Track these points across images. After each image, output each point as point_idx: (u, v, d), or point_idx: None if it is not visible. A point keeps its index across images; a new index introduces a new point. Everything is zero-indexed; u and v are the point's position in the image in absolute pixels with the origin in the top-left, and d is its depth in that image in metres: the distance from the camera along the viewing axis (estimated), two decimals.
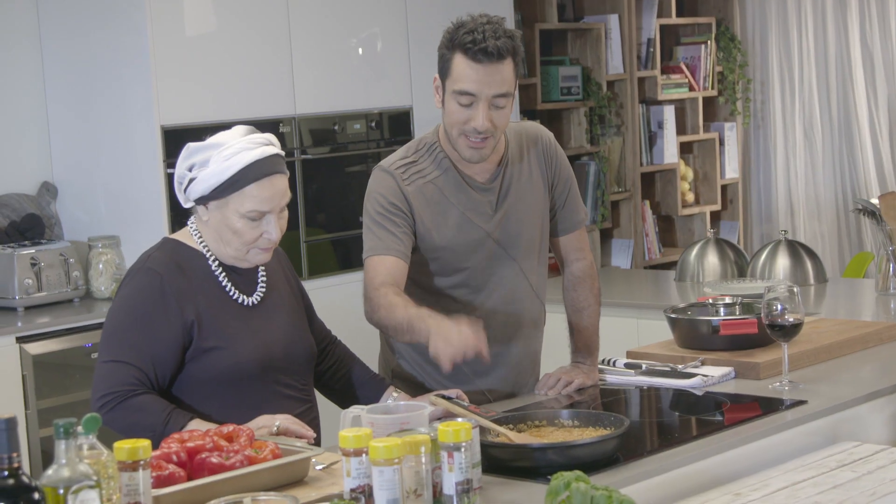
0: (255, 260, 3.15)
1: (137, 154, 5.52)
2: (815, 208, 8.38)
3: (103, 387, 3.01)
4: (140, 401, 2.99)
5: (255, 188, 3.04)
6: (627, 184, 7.76)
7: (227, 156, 3.02)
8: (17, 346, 5.02)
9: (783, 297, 3.40)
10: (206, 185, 3.04)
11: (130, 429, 2.91)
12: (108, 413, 2.97)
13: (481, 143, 3.34)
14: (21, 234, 5.64)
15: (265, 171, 3.04)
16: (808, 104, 8.36)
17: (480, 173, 3.46)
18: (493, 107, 3.30)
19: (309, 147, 5.95)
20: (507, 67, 3.28)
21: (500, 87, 3.28)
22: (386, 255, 3.35)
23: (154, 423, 2.95)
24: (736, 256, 5.75)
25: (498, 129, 3.34)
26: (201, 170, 3.04)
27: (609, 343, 3.75)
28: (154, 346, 3.03)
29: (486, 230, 3.45)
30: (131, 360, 3.02)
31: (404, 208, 3.39)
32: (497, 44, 3.25)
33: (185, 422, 2.96)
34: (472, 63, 3.27)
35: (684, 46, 8.22)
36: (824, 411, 3.25)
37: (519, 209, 3.49)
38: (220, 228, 3.09)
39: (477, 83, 3.27)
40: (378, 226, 3.38)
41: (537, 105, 7.27)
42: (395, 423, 2.72)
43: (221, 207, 3.07)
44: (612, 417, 2.97)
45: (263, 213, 3.06)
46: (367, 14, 6.15)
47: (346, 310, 5.35)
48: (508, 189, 3.48)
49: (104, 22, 5.54)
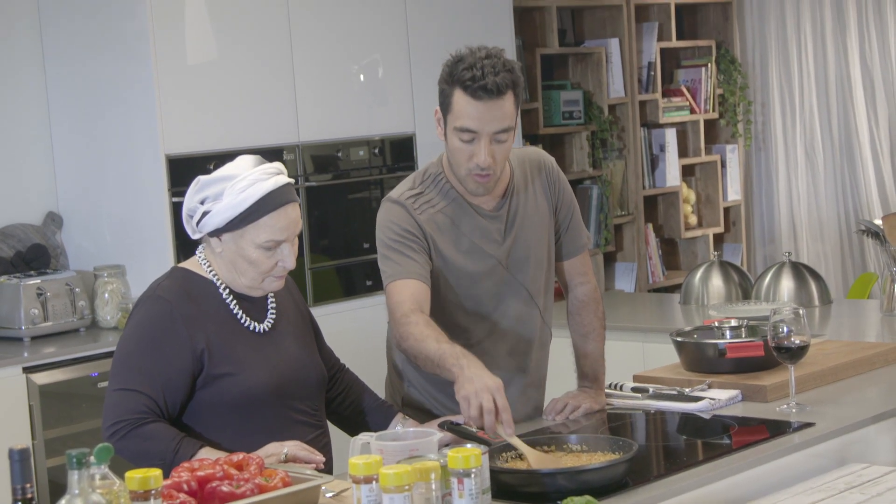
0: (269, 288, 3.16)
1: (142, 183, 5.53)
2: (818, 229, 8.39)
3: (113, 415, 3.01)
4: (150, 429, 2.99)
5: (270, 219, 3.05)
6: (630, 207, 7.77)
7: (241, 188, 3.03)
8: (23, 376, 5.02)
9: (789, 320, 3.41)
10: (221, 218, 3.05)
11: (141, 457, 2.91)
12: (119, 441, 2.97)
13: (485, 177, 3.35)
14: (27, 264, 5.65)
15: (280, 202, 3.06)
16: (809, 125, 8.37)
17: (487, 201, 3.47)
18: (494, 141, 3.30)
19: (312, 174, 5.97)
20: (507, 102, 3.28)
21: (501, 123, 3.28)
22: (408, 278, 3.33)
23: (164, 451, 2.96)
24: (740, 279, 5.75)
25: (501, 163, 3.35)
26: (215, 203, 3.05)
27: (615, 367, 3.75)
28: (164, 373, 3.04)
29: (497, 257, 3.46)
30: (141, 388, 3.02)
31: (418, 234, 3.39)
32: (496, 80, 3.24)
33: (195, 450, 2.97)
34: (471, 100, 3.27)
35: (685, 69, 8.25)
36: (832, 433, 3.25)
37: (527, 235, 3.50)
38: (235, 259, 3.10)
39: (478, 120, 3.27)
40: (395, 252, 3.37)
41: (539, 130, 7.29)
42: (404, 450, 2.72)
43: (237, 239, 3.07)
44: (620, 442, 2.97)
45: (279, 243, 3.08)
46: (368, 40, 6.17)
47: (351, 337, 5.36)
48: (516, 216, 3.49)
49: (108, 51, 5.57)
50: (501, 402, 3.00)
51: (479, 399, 2.99)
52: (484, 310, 3.48)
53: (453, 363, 3.10)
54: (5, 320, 5.39)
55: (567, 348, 3.72)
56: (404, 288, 3.32)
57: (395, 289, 3.34)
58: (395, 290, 3.33)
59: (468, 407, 3.00)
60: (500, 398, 3.00)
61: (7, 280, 5.43)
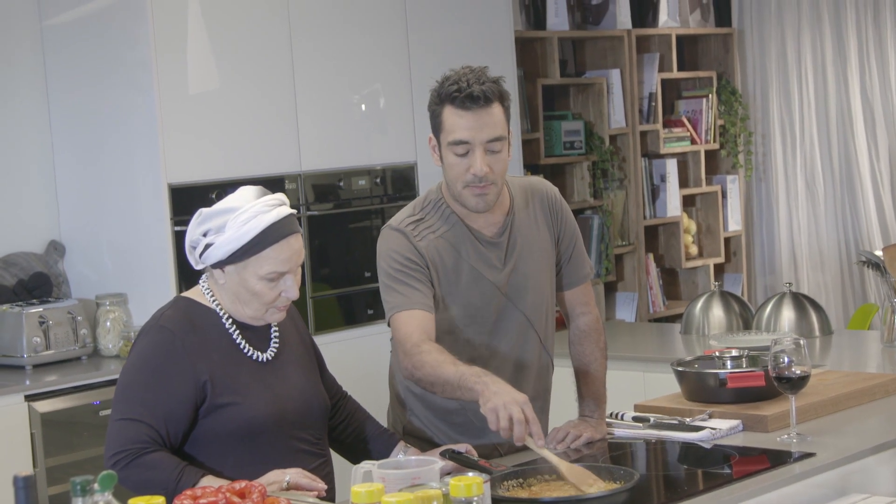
0: (272, 319, 3.17)
1: (144, 212, 5.55)
2: (819, 260, 8.40)
3: (115, 444, 3.02)
4: (152, 458, 3.00)
5: (273, 251, 3.05)
6: (631, 237, 7.78)
7: (243, 220, 3.04)
8: (25, 404, 5.02)
9: (789, 350, 3.41)
10: (223, 251, 3.06)
11: (143, 486, 2.92)
12: (121, 471, 2.97)
13: (484, 189, 3.36)
14: (29, 292, 5.66)
15: (282, 233, 3.06)
16: (810, 156, 8.39)
17: (487, 227, 3.48)
18: (489, 152, 3.32)
19: (313, 203, 5.98)
20: (496, 111, 3.32)
21: (493, 131, 3.31)
22: (413, 309, 3.35)
23: (166, 480, 2.96)
24: (741, 309, 5.76)
25: (498, 176, 3.36)
26: (218, 235, 3.05)
27: (616, 396, 3.76)
28: (167, 403, 3.04)
29: (496, 283, 3.47)
30: (143, 417, 3.03)
31: (420, 262, 3.40)
32: (482, 88, 3.29)
33: (197, 478, 2.98)
34: (461, 112, 3.30)
35: (685, 100, 8.27)
36: (833, 463, 3.25)
37: (526, 263, 3.51)
38: (239, 291, 3.11)
39: (469, 130, 3.30)
40: (398, 282, 3.38)
41: (541, 160, 7.31)
42: (406, 478, 2.73)
43: (240, 271, 3.08)
44: (621, 471, 2.98)
45: (282, 274, 3.08)
46: (369, 70, 6.19)
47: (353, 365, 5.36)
48: (516, 243, 3.50)
49: (110, 80, 5.59)
50: (530, 413, 3.03)
51: (509, 410, 3.01)
52: (482, 336, 3.49)
53: (476, 381, 3.12)
54: (7, 348, 5.40)
55: (568, 377, 3.72)
56: (410, 319, 3.33)
57: (400, 320, 3.35)
58: (401, 322, 3.35)
59: (496, 419, 3.02)
60: (528, 410, 3.03)
61: (9, 308, 5.44)
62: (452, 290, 3.44)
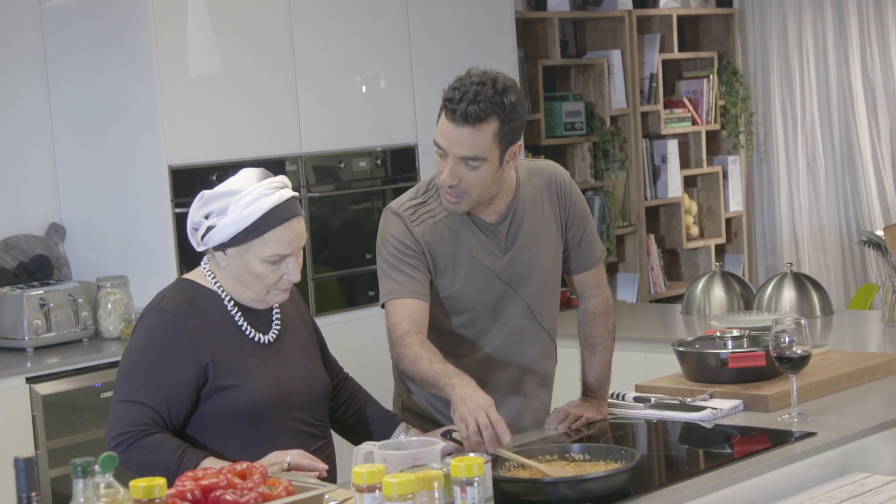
0: (274, 301, 3.16)
1: (145, 194, 5.55)
2: (820, 240, 8.40)
3: (117, 427, 3.02)
4: (153, 440, 3.00)
5: (275, 233, 3.05)
6: (632, 218, 7.78)
7: (245, 203, 3.03)
8: (26, 386, 5.03)
9: (790, 330, 3.41)
10: (225, 233, 3.05)
11: (145, 468, 2.92)
12: (123, 453, 2.98)
13: (454, 198, 3.33)
14: (30, 274, 5.66)
15: (285, 216, 3.06)
16: (811, 136, 8.38)
17: (489, 214, 3.46)
18: (463, 165, 3.26)
19: (314, 185, 5.98)
20: (481, 132, 3.23)
21: (469, 151, 3.24)
22: (406, 297, 3.34)
23: (168, 462, 2.97)
24: (742, 289, 5.76)
25: (472, 188, 3.30)
26: (220, 218, 3.05)
27: (617, 377, 3.76)
28: (168, 385, 3.04)
29: (494, 271, 3.46)
30: (145, 399, 3.03)
31: (416, 248, 3.39)
32: (469, 109, 3.20)
33: (198, 460, 2.98)
34: (447, 120, 3.26)
35: (686, 81, 8.26)
36: (834, 443, 3.25)
37: (529, 250, 3.49)
38: (241, 273, 3.11)
39: (447, 140, 3.26)
40: (394, 268, 3.38)
41: (541, 141, 7.30)
42: (407, 459, 2.73)
43: (242, 254, 3.08)
44: (622, 451, 2.98)
45: (284, 257, 3.08)
46: (370, 52, 6.18)
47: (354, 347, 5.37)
48: (518, 230, 3.48)
49: (111, 63, 5.58)
50: (494, 416, 3.02)
51: (475, 416, 3.01)
52: (482, 323, 3.48)
53: (445, 383, 3.13)
54: (8, 331, 5.40)
55: (573, 358, 3.72)
56: (402, 308, 3.33)
57: (392, 308, 3.35)
58: (392, 310, 3.35)
59: (465, 427, 3.02)
60: (492, 413, 3.02)
61: (10, 291, 5.44)
62: (450, 277, 3.43)
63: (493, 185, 3.35)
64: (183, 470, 2.89)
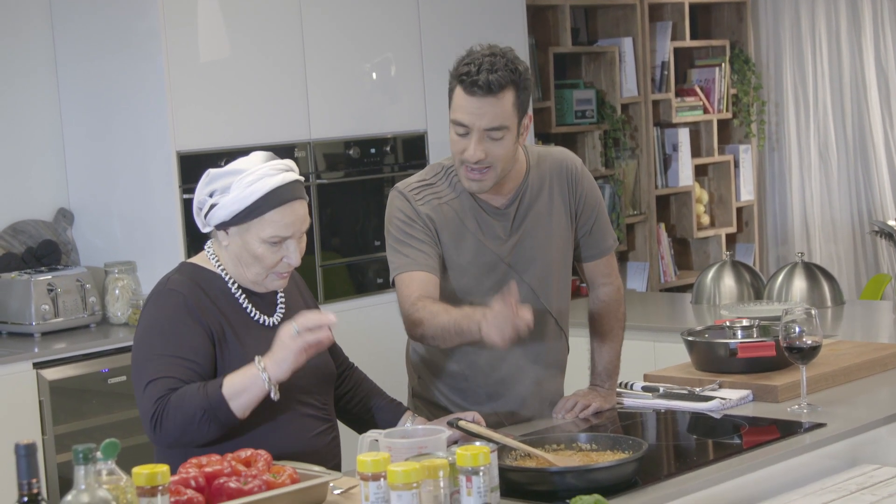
0: (272, 286, 3.15)
1: (153, 180, 5.53)
2: (831, 230, 8.37)
3: (148, 410, 2.95)
4: (174, 400, 2.93)
5: (276, 214, 3.04)
6: (642, 206, 7.76)
7: (248, 182, 3.03)
8: (33, 371, 5.02)
9: (801, 320, 3.40)
10: (227, 211, 3.05)
11: (187, 425, 2.89)
12: (162, 429, 2.93)
13: (479, 174, 3.33)
14: (38, 260, 5.65)
15: (286, 198, 3.05)
16: (823, 126, 8.35)
17: (496, 198, 3.45)
18: (487, 139, 3.28)
19: (324, 171, 5.96)
20: (502, 101, 3.26)
21: (493, 121, 3.26)
22: (415, 270, 3.35)
23: (197, 406, 2.90)
24: (752, 279, 5.74)
25: (497, 161, 3.32)
26: (223, 196, 3.05)
27: (626, 366, 3.74)
28: (192, 357, 3.00)
29: (499, 254, 3.44)
30: (166, 373, 2.97)
31: (422, 223, 3.40)
32: (490, 78, 3.23)
33: (219, 385, 2.92)
34: (466, 95, 3.27)
35: (698, 69, 8.23)
36: (843, 434, 3.23)
37: (536, 236, 3.48)
38: (241, 253, 3.10)
39: (470, 115, 3.27)
40: (402, 244, 3.39)
41: (552, 128, 7.28)
42: (412, 448, 2.72)
43: (242, 233, 3.07)
44: (630, 441, 2.96)
45: (284, 239, 3.07)
46: (380, 39, 6.16)
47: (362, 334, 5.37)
48: (525, 215, 3.47)
49: (119, 49, 5.57)
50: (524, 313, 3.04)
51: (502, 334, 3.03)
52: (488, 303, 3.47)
53: (467, 324, 3.13)
54: (16, 316, 5.39)
55: (582, 346, 3.71)
56: (412, 281, 3.33)
57: (402, 281, 3.36)
58: (402, 283, 3.35)
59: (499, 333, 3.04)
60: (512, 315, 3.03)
61: (18, 276, 5.43)
62: (454, 259, 3.42)
63: (512, 157, 3.37)
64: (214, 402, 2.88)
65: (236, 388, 2.92)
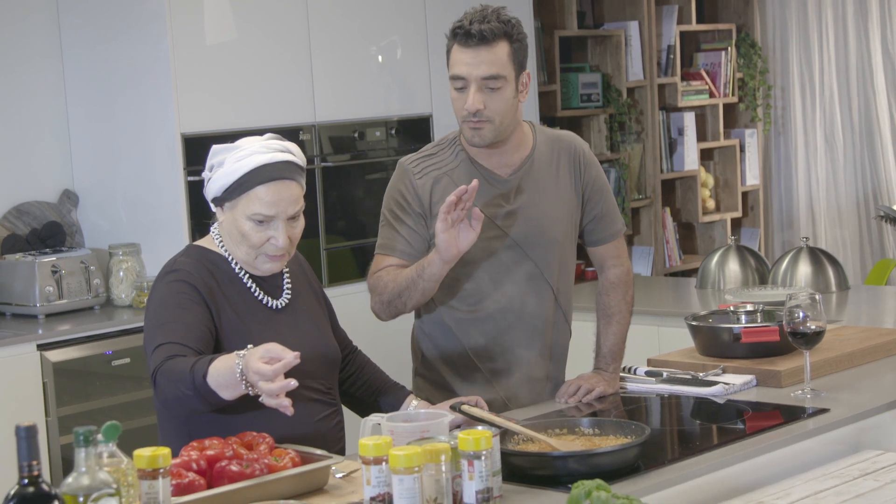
0: (263, 268, 3.14)
1: (158, 162, 5.53)
2: (837, 215, 8.35)
3: (151, 372, 2.94)
4: (165, 370, 2.89)
5: (261, 190, 3.04)
6: (648, 191, 7.74)
7: (238, 157, 3.05)
8: (37, 353, 5.02)
9: (805, 305, 3.39)
10: (218, 186, 3.08)
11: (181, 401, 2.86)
12: (159, 392, 2.90)
13: (478, 123, 3.38)
14: (42, 241, 5.65)
15: (273, 176, 3.05)
16: (829, 110, 8.33)
17: (500, 167, 3.48)
18: (485, 89, 3.35)
19: (329, 155, 5.95)
20: (496, 50, 3.35)
21: (489, 69, 3.34)
22: (390, 255, 3.48)
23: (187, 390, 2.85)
24: (757, 263, 5.73)
25: (496, 114, 3.37)
26: (217, 170, 3.08)
27: (630, 350, 3.74)
28: (192, 328, 2.99)
29: (498, 224, 3.45)
30: (172, 338, 2.95)
31: (416, 206, 3.46)
32: (482, 27, 3.35)
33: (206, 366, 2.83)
34: (460, 48, 3.37)
35: (704, 53, 8.21)
36: (847, 420, 3.23)
37: (539, 208, 3.48)
38: (231, 230, 3.11)
39: (465, 66, 3.36)
40: (388, 225, 3.52)
41: (557, 112, 7.26)
42: (415, 432, 2.71)
43: (232, 209, 3.09)
44: (632, 426, 2.96)
45: (270, 218, 3.06)
46: (386, 22, 6.15)
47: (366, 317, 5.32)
48: (529, 187, 3.48)
49: (125, 31, 5.56)
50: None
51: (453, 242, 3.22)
52: (488, 278, 3.47)
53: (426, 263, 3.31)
54: (20, 297, 5.40)
55: (587, 330, 3.70)
56: (382, 261, 3.50)
57: (376, 260, 3.52)
58: (376, 261, 3.52)
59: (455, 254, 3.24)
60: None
61: (22, 257, 5.43)
62: None
63: (513, 114, 3.42)
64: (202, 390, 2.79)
65: (220, 383, 2.80)
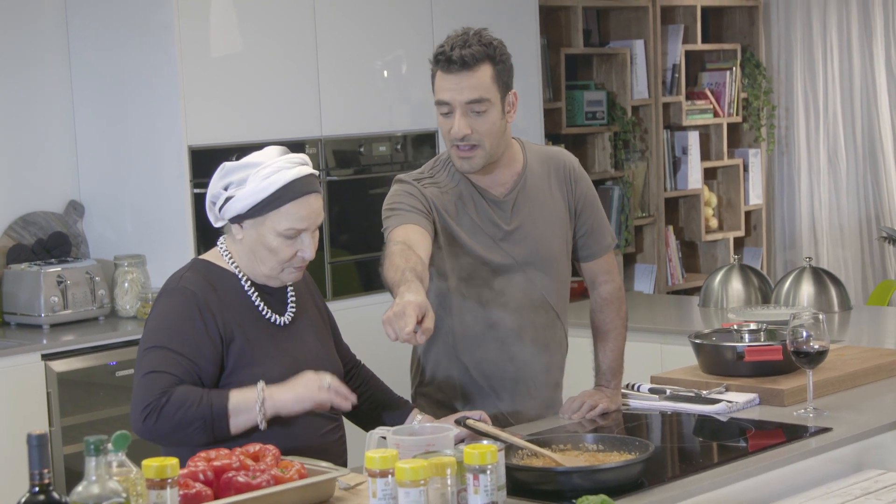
0: (287, 279, 3.16)
1: (164, 174, 5.55)
2: (839, 235, 8.37)
3: (143, 400, 2.95)
4: (176, 397, 2.95)
5: (292, 207, 3.06)
6: (651, 209, 7.76)
7: (265, 175, 3.04)
8: (42, 363, 5.03)
9: (808, 324, 3.40)
10: (243, 204, 3.06)
11: (178, 427, 2.91)
12: (154, 424, 2.93)
13: (468, 151, 3.38)
14: (48, 251, 5.67)
15: (302, 191, 3.07)
16: (833, 130, 8.35)
17: (495, 186, 3.48)
18: (470, 113, 3.35)
19: (334, 168, 5.97)
20: (479, 74, 3.34)
21: (472, 94, 3.33)
22: (405, 224, 3.35)
23: (199, 414, 2.93)
24: (760, 283, 5.74)
25: (484, 137, 3.36)
26: (239, 188, 3.06)
27: (633, 368, 3.75)
28: (191, 356, 3.01)
29: (498, 243, 3.46)
30: (168, 368, 2.98)
31: (422, 200, 3.42)
32: (463, 52, 3.33)
33: (224, 399, 2.95)
34: (443, 74, 3.38)
35: (709, 72, 8.23)
36: (849, 439, 3.24)
37: (536, 225, 3.50)
38: (256, 247, 3.11)
39: (449, 91, 3.36)
40: (394, 210, 3.41)
41: (562, 129, 7.28)
42: (420, 445, 2.72)
43: (258, 226, 3.08)
44: (636, 442, 2.97)
45: (299, 232, 3.09)
46: (392, 37, 6.17)
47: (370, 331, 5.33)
48: (524, 205, 3.49)
49: (132, 42, 5.58)
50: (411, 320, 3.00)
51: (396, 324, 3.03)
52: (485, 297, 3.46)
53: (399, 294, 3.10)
54: (25, 307, 5.41)
55: (585, 347, 3.71)
56: (398, 232, 3.33)
57: (390, 235, 3.36)
58: (390, 237, 3.35)
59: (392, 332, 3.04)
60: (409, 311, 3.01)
61: (28, 267, 5.45)
62: (454, 245, 3.44)
63: (501, 135, 3.41)
64: (218, 413, 2.91)
65: (239, 408, 2.95)
